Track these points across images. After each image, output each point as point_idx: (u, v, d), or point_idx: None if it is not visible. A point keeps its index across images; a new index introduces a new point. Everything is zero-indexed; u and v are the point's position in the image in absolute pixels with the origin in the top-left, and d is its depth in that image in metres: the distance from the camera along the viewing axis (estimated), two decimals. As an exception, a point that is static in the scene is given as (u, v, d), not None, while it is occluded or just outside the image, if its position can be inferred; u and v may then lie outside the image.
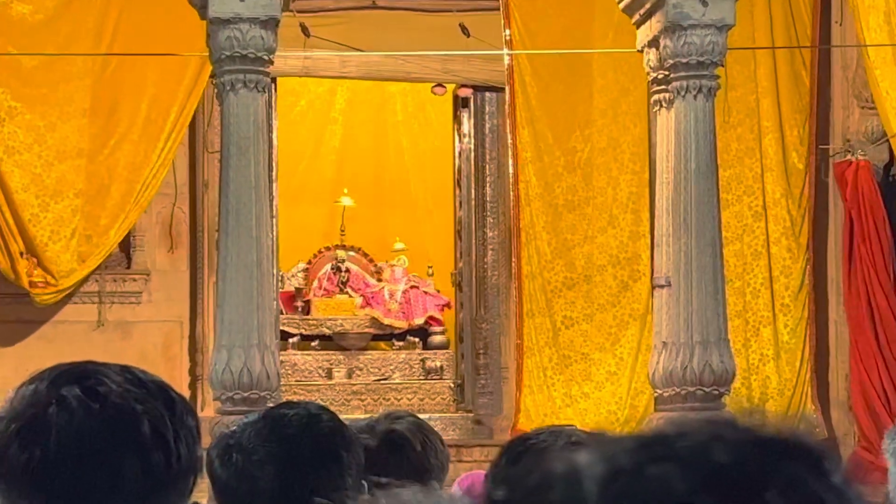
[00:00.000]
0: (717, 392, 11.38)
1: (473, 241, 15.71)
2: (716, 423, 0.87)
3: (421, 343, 16.29)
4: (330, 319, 16.25)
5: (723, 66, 11.67)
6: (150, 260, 14.70)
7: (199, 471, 2.09)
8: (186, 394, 11.21)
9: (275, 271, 12.75)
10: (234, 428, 3.09)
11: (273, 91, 12.22)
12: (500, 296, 15.43)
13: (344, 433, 3.08)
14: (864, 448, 13.51)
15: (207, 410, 12.33)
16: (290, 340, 15.63)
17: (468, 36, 14.50)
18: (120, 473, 1.98)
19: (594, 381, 14.17)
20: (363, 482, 3.10)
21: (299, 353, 15.77)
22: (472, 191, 15.74)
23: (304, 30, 13.80)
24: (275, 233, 13.06)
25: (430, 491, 1.37)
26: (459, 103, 15.94)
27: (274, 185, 13.88)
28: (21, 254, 13.85)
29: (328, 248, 17.04)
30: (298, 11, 12.72)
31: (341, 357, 15.94)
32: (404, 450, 3.84)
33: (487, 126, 15.59)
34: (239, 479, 2.99)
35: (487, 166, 15.63)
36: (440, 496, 1.37)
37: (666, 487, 0.83)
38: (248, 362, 10.56)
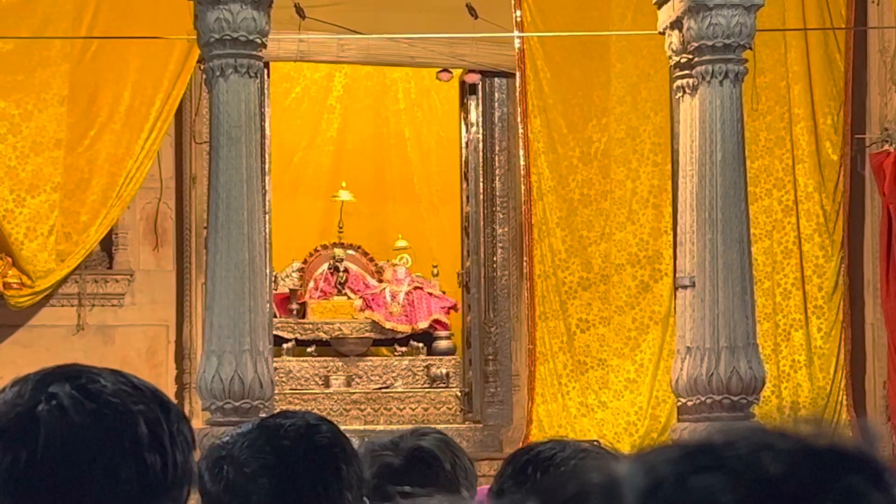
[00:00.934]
0: (745, 401, 11.37)
1: (482, 238, 15.72)
2: (766, 432, 0.85)
3: (425, 349, 16.26)
4: (327, 323, 16.24)
5: (751, 49, 11.66)
6: (134, 259, 14.71)
7: (194, 483, 2.08)
8: (173, 403, 11.22)
9: (268, 271, 12.74)
10: (226, 439, 3.08)
11: (266, 77, 12.21)
12: (511, 297, 15.45)
13: (344, 446, 3.05)
14: (903, 461, 13.51)
15: (195, 422, 12.33)
16: (285, 346, 15.60)
17: (476, 17, 14.50)
18: (115, 475, 1.95)
19: (612, 390, 14.17)
20: (365, 499, 3.09)
21: (294, 359, 15.76)
22: (481, 184, 15.75)
23: (300, 11, 13.78)
24: (268, 230, 13.04)
25: (458, 499, 1.36)
26: (466, 90, 15.96)
27: (267, 178, 13.84)
28: (-7, 254, 13.89)
29: (325, 247, 17.04)
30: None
31: (339, 364, 15.96)
32: (433, 469, 3.77)
33: (497, 114, 15.60)
34: (230, 492, 2.98)
35: (497, 158, 15.64)
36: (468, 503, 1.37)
37: (711, 500, 0.82)
38: (239, 369, 10.57)
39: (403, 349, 16.29)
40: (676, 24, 11.61)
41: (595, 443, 3.36)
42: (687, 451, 0.85)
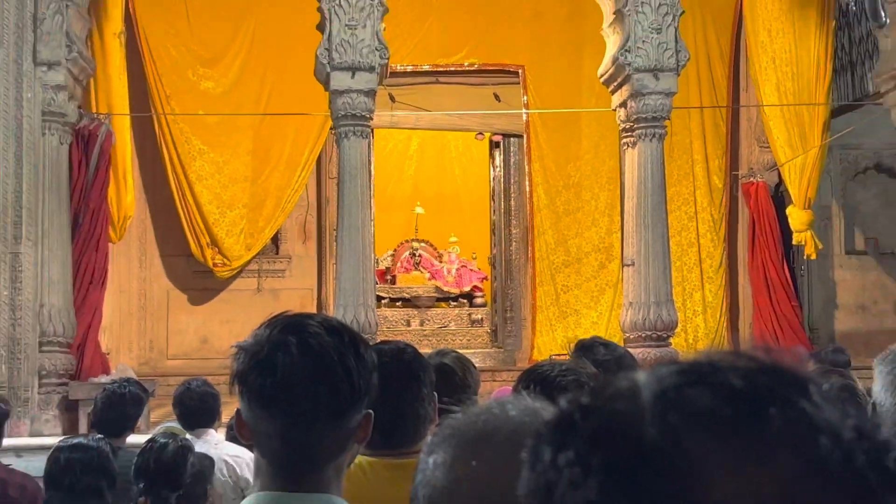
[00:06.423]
0: (665, 335, 11.33)
1: (503, 236, 15.72)
2: (736, 356, 0.82)
3: (468, 303, 16.27)
4: (408, 288, 16.27)
5: (668, 119, 11.58)
6: (291, 248, 14.79)
7: (372, 394, 2.08)
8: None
9: (372, 256, 12.72)
10: None
11: (371, 137, 12.22)
12: (520, 272, 15.43)
13: (421, 361, 3.04)
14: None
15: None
16: (382, 301, 15.60)
17: (499, 101, 14.51)
18: (319, 398, 2.00)
19: (582, 328, 14.13)
20: (434, 393, 3.07)
21: (388, 310, 15.79)
22: (502, 203, 15.75)
23: (391, 97, 13.82)
24: (372, 231, 13.02)
25: (518, 396, 1.31)
26: (493, 145, 15.97)
27: (372, 199, 13.84)
28: (207, 244, 13.97)
29: (407, 241, 17.08)
30: (388, 85, 12.71)
31: (415, 312, 15.98)
32: (450, 376, 3.77)
33: (512, 160, 15.58)
34: None
35: (511, 186, 15.62)
36: (524, 398, 1.31)
37: (698, 403, 0.79)
38: (356, 315, 10.59)
39: (455, 304, 16.28)
40: (623, 105, 11.53)
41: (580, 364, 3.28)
42: (683, 370, 0.81)
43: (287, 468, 2.01)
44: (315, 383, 1.98)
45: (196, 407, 6.51)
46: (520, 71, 14.40)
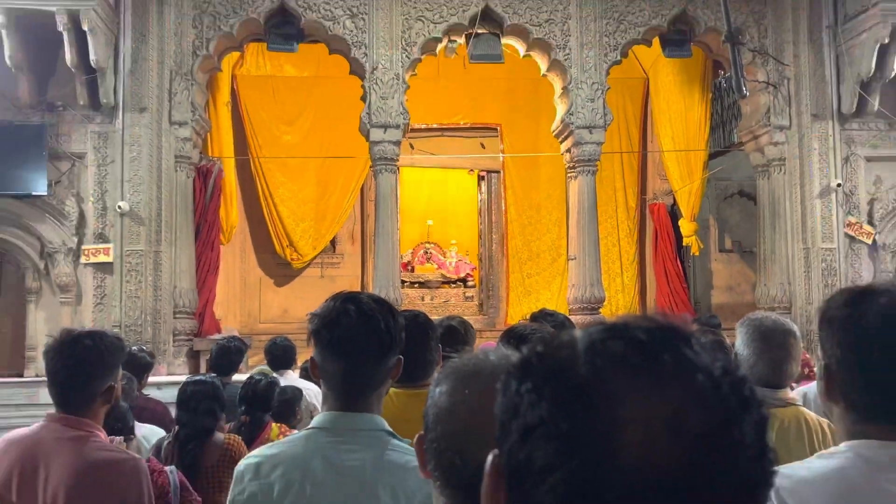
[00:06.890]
0: (597, 307, 11.26)
1: (486, 239, 15.68)
2: (643, 319, 0.82)
3: (463, 285, 16.20)
4: (422, 275, 16.20)
5: (599, 160, 11.53)
6: (344, 248, 14.76)
7: (402, 344, 2.08)
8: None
9: (398, 253, 12.69)
10: None
11: (398, 173, 12.20)
12: (498, 264, 15.39)
13: (430, 322, 3.00)
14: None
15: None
16: (405, 284, 15.45)
17: (484, 148, 14.49)
18: (368, 347, 1.98)
19: (541, 302, 14.05)
20: (440, 344, 3.05)
21: (409, 290, 15.68)
22: (486, 217, 15.70)
23: (411, 145, 13.80)
24: (398, 236, 12.96)
25: (497, 347, 1.32)
26: (480, 178, 15.92)
27: (398, 214, 13.73)
28: (286, 245, 13.97)
29: (422, 243, 17.01)
30: (409, 136, 12.67)
31: (427, 292, 15.92)
32: (456, 334, 3.74)
33: (493, 188, 15.54)
34: None
35: (492, 206, 15.57)
36: (500, 348, 1.31)
37: (616, 351, 0.79)
38: (388, 294, 10.53)
39: (454, 286, 16.20)
40: (568, 150, 11.48)
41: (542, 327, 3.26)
42: (606, 328, 0.81)
43: (345, 396, 2.01)
44: (366, 337, 1.98)
45: (280, 355, 6.56)
46: (498, 127, 14.40)
